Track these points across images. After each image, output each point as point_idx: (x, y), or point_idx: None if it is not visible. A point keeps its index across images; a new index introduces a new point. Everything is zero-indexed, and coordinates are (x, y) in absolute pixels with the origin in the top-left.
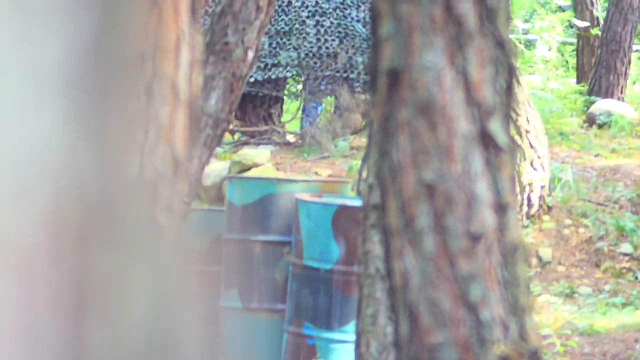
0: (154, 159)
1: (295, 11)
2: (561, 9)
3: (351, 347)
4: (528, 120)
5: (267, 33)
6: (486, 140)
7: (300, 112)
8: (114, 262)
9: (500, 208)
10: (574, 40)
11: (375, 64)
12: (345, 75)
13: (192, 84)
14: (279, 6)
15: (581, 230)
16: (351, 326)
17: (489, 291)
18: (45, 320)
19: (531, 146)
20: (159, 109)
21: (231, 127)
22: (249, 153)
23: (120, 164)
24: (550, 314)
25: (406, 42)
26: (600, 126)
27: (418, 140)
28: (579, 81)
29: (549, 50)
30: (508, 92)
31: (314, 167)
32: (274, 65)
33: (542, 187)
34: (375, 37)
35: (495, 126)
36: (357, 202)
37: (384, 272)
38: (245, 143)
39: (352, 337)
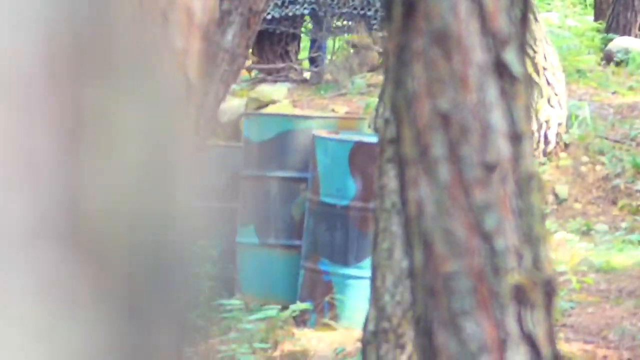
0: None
1: None
2: None
3: (367, 284)
4: (545, 58)
5: None
6: (501, 69)
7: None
8: (109, 95)
9: (515, 137)
10: None
11: None
12: (362, 12)
13: (207, 12)
14: None
15: (598, 167)
16: (367, 262)
17: (504, 220)
18: (41, 148)
19: (548, 83)
20: (173, 34)
21: (248, 64)
22: (266, 90)
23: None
24: (567, 251)
25: None
26: (617, 64)
27: (433, 69)
28: (596, 19)
29: None
30: (523, 22)
31: (331, 104)
32: (291, 2)
33: (559, 124)
34: None
35: (510, 56)
36: (374, 139)
37: (399, 206)
38: (262, 80)
39: (368, 273)
